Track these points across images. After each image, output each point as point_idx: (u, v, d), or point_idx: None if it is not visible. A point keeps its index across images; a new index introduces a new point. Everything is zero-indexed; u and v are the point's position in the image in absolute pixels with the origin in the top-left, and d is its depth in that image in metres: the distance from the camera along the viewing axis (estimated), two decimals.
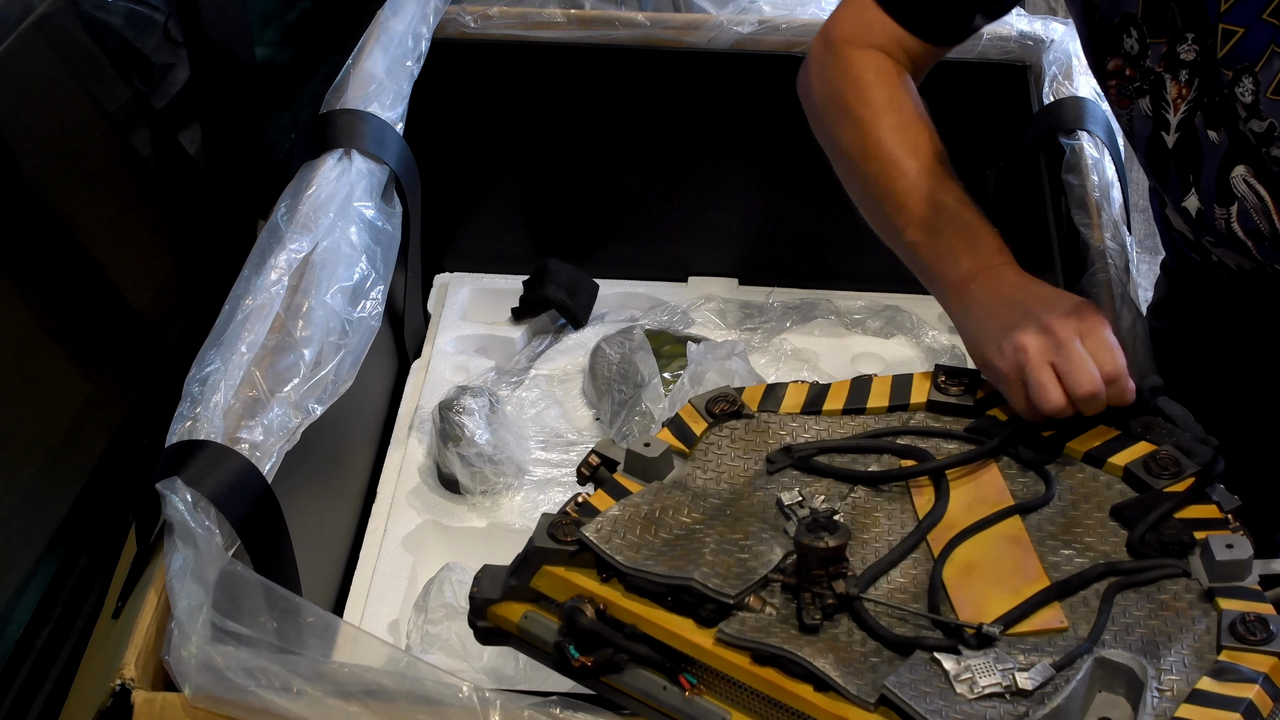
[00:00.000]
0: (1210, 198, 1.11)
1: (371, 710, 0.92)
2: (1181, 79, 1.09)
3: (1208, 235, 1.16)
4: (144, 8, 1.77)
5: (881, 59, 1.20)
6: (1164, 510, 0.97)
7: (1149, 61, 1.11)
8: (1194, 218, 1.14)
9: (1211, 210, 1.12)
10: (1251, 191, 1.08)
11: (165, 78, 1.79)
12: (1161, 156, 1.14)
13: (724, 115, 1.75)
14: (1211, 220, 1.13)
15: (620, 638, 0.94)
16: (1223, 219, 1.11)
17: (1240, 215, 1.10)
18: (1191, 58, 1.08)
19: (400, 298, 1.63)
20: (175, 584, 0.98)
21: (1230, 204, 1.10)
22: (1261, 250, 1.11)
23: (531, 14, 1.72)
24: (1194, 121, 1.10)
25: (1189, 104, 1.09)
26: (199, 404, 1.12)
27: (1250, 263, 1.14)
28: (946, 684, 0.85)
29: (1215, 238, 1.15)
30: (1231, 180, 1.09)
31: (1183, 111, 1.10)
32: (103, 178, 1.65)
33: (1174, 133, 1.12)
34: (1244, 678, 0.85)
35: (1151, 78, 1.11)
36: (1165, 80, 1.10)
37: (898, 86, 1.19)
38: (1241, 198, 1.09)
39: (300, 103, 1.99)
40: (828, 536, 0.90)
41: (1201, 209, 1.13)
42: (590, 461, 1.06)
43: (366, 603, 1.38)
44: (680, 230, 1.84)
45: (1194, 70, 1.08)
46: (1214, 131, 1.08)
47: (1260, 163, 1.06)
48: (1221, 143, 1.08)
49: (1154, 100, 1.12)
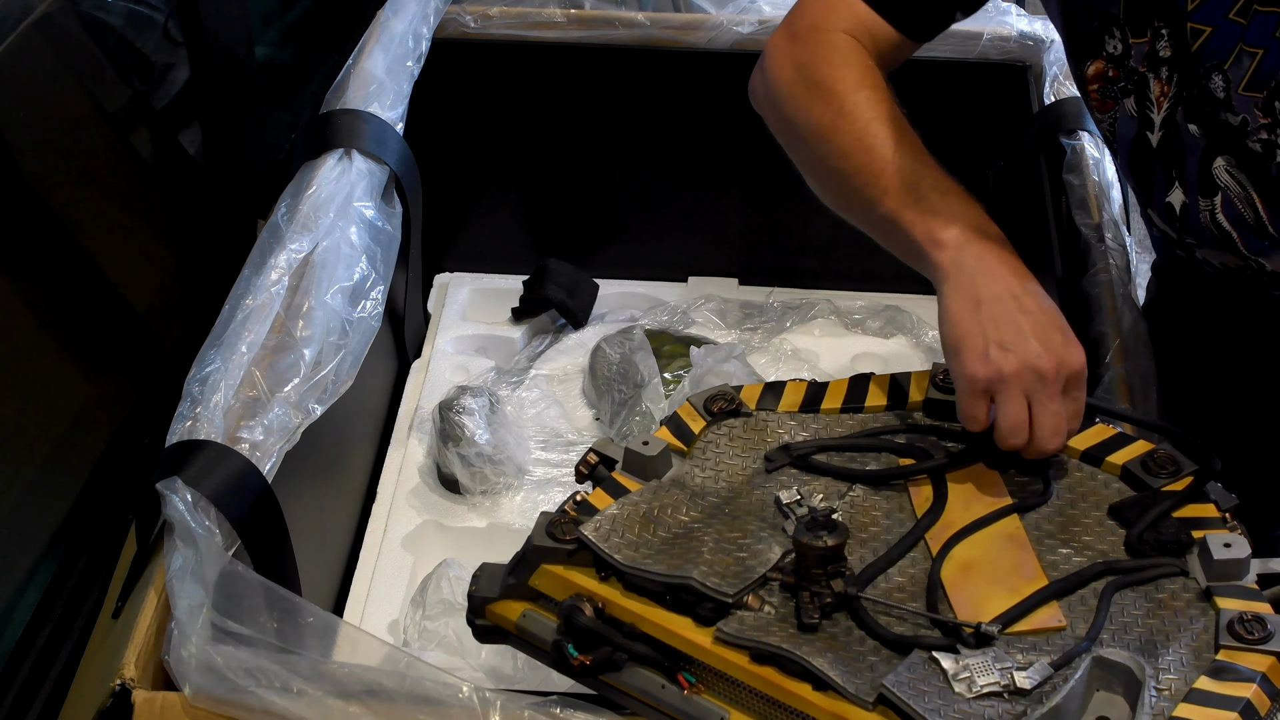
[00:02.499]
0: (1194, 190, 1.11)
1: (372, 710, 0.92)
2: (1163, 76, 1.09)
3: (1190, 236, 1.15)
4: (144, 8, 1.77)
5: (852, 42, 1.16)
6: (1162, 509, 0.97)
7: (1133, 61, 1.11)
8: (1178, 214, 1.14)
9: (1196, 203, 1.12)
10: (1234, 180, 1.08)
11: (165, 78, 1.79)
12: (1146, 156, 1.14)
13: (724, 115, 1.75)
14: (1196, 214, 1.12)
15: (619, 636, 0.94)
16: (1207, 210, 1.11)
17: (1225, 205, 1.10)
18: (1169, 54, 1.08)
19: (400, 298, 1.63)
20: (175, 584, 0.98)
21: (1214, 195, 1.10)
22: (1247, 242, 1.11)
23: (531, 14, 1.72)
24: (1175, 117, 1.10)
25: (1171, 100, 1.09)
26: (199, 404, 1.12)
27: (1235, 259, 1.14)
28: (945, 683, 0.86)
29: (1198, 236, 1.15)
30: (1214, 171, 1.09)
31: (1165, 109, 1.10)
32: (103, 178, 1.65)
33: (1158, 131, 1.12)
34: (1242, 677, 0.85)
35: (1135, 77, 1.11)
36: (1149, 79, 1.10)
37: (870, 66, 1.15)
38: (1225, 188, 1.09)
39: (300, 103, 1.99)
40: (826, 535, 0.90)
41: (1186, 203, 1.13)
42: (589, 460, 1.06)
43: (366, 603, 1.38)
44: (680, 230, 1.84)
45: (1172, 66, 1.08)
46: (1194, 125, 1.09)
47: (1240, 152, 1.06)
48: (1202, 135, 1.08)
49: (1139, 100, 1.12)
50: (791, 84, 1.16)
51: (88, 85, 1.65)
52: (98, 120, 1.66)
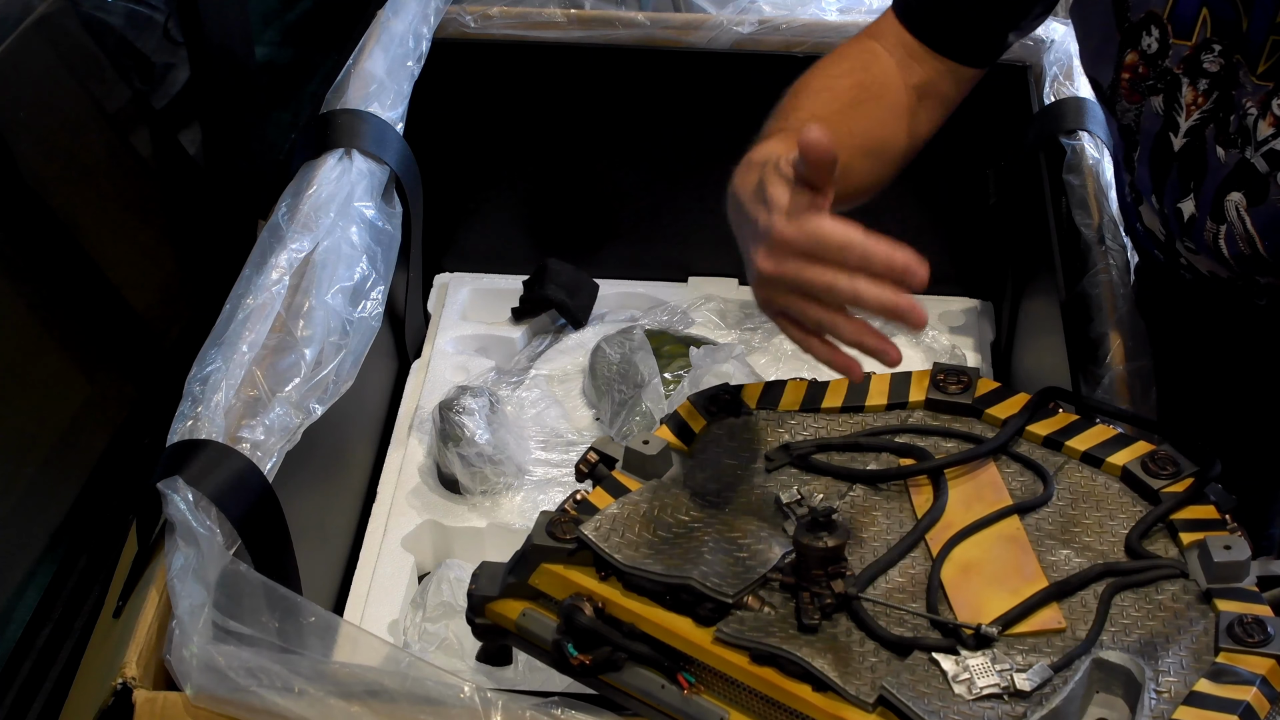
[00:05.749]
0: (1206, 210, 1.11)
1: (373, 710, 0.92)
2: (1200, 87, 1.08)
3: (1188, 241, 1.15)
4: (144, 8, 1.78)
5: (870, 44, 1.16)
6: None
7: (1168, 62, 1.10)
8: (1185, 221, 1.14)
9: (1204, 221, 1.12)
10: (1240, 221, 1.08)
11: (165, 78, 1.79)
12: (1166, 156, 1.14)
13: (724, 115, 1.75)
14: (1201, 230, 1.12)
15: (618, 636, 0.94)
16: (1211, 233, 1.11)
17: (1228, 238, 1.10)
18: (1215, 69, 1.06)
19: (400, 298, 1.63)
20: (176, 583, 0.98)
21: (1220, 223, 1.10)
22: (1241, 266, 1.11)
23: (531, 14, 1.72)
24: (1204, 133, 1.09)
25: (1202, 114, 1.08)
26: (200, 403, 1.12)
27: (1226, 271, 1.14)
28: (945, 684, 0.86)
29: (1198, 245, 1.14)
30: (1225, 203, 1.09)
31: (1194, 119, 1.09)
32: (103, 178, 1.65)
33: (1181, 136, 1.11)
34: (1241, 679, 0.85)
35: (1167, 78, 1.10)
36: (1182, 83, 1.09)
37: (865, 63, 1.14)
38: (1230, 223, 1.09)
39: (300, 103, 2.00)
40: (826, 536, 0.90)
41: (1195, 216, 1.13)
42: (589, 459, 1.06)
43: (366, 602, 1.38)
44: (680, 230, 1.84)
45: (1214, 82, 1.07)
46: (1222, 150, 1.08)
47: (1257, 193, 1.05)
48: (1226, 163, 1.08)
49: (1166, 100, 1.11)
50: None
51: (88, 85, 1.65)
52: (98, 120, 1.66)
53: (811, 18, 1.70)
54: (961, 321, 1.77)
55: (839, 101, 1.13)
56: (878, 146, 1.15)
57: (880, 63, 1.17)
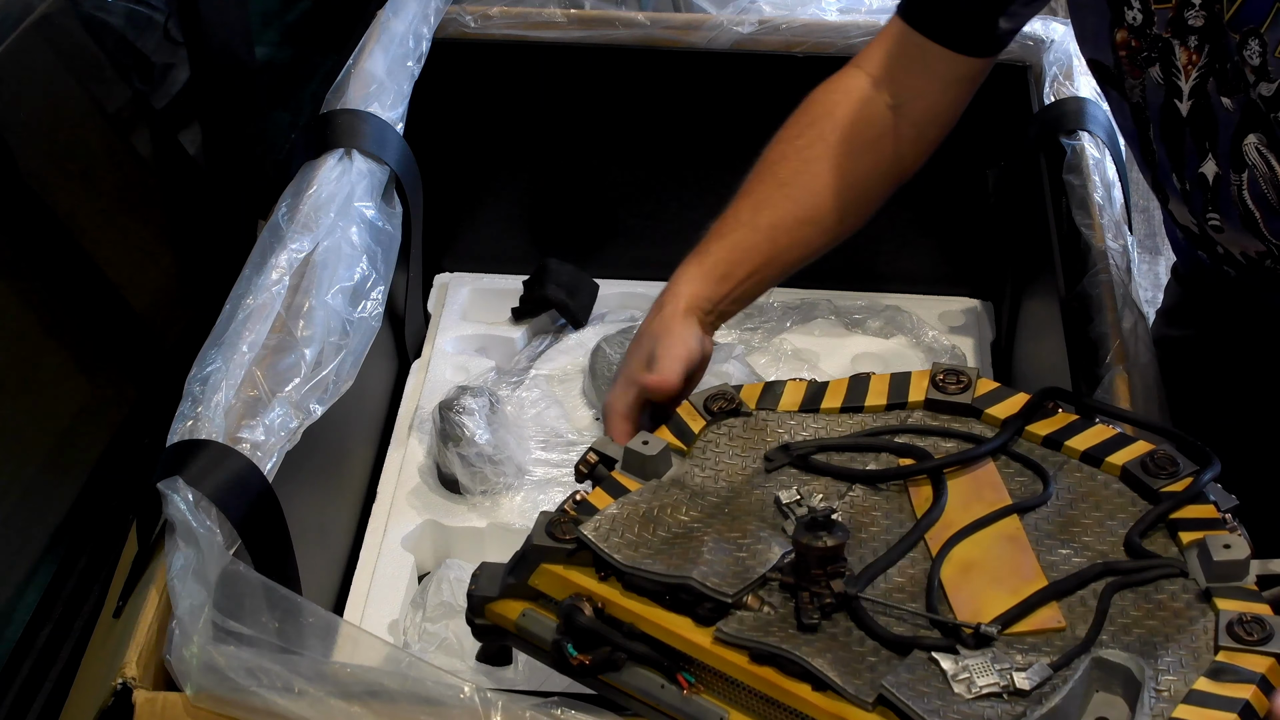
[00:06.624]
0: (1226, 164, 1.11)
1: (373, 710, 0.92)
2: (1190, 45, 1.08)
3: (1219, 211, 1.15)
4: (144, 8, 1.78)
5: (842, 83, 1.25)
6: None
7: (1155, 28, 1.10)
8: (1210, 185, 1.13)
9: (1228, 175, 1.11)
10: (1262, 160, 1.08)
11: (165, 78, 1.79)
12: (1176, 125, 1.14)
13: (724, 115, 1.75)
14: (1228, 187, 1.12)
15: (618, 636, 0.94)
16: (1236, 184, 1.11)
17: (1250, 183, 1.10)
18: (1200, 23, 1.07)
19: (400, 298, 1.63)
20: (176, 583, 0.98)
21: (1242, 171, 1.10)
22: (1269, 223, 1.11)
23: (531, 14, 1.72)
24: (1207, 88, 1.09)
25: (1200, 70, 1.09)
26: (200, 403, 1.12)
27: (1259, 244, 1.14)
28: (944, 684, 0.86)
29: (1227, 213, 1.14)
30: (1244, 148, 1.09)
31: (1194, 78, 1.09)
32: (103, 178, 1.65)
33: (1187, 100, 1.11)
34: (1241, 678, 0.85)
35: (1160, 44, 1.11)
36: (1174, 46, 1.09)
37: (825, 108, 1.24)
38: (1252, 165, 1.09)
39: (300, 103, 1.99)
40: (826, 536, 0.91)
41: (1219, 174, 1.12)
42: (588, 459, 1.07)
43: (366, 603, 1.38)
44: (680, 230, 1.82)
45: (1203, 36, 1.07)
46: (1227, 99, 1.08)
47: (1270, 129, 1.06)
48: (1235, 110, 1.08)
49: (1164, 67, 1.11)
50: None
51: (88, 85, 1.65)
52: (98, 120, 1.66)
53: (811, 18, 1.69)
54: (961, 321, 1.77)
55: (796, 172, 1.25)
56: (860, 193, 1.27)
57: (849, 101, 1.24)
